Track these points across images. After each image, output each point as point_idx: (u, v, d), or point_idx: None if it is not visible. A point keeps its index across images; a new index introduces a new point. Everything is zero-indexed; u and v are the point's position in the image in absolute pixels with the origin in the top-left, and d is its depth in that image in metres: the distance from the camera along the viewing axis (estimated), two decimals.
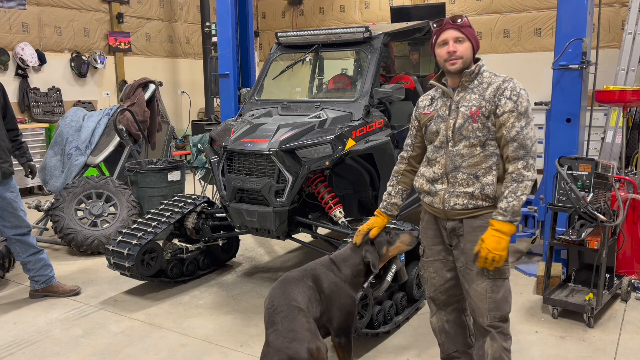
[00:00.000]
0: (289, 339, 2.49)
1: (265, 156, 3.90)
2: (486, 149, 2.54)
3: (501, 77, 2.58)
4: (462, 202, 2.56)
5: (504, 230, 2.46)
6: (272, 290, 2.79)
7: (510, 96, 2.49)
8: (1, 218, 4.18)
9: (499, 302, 2.58)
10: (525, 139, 2.47)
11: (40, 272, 4.39)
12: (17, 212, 4.21)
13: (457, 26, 2.54)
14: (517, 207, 2.46)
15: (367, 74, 4.42)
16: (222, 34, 6.33)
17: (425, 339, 3.67)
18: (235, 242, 5.28)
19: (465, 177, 2.55)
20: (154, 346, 3.69)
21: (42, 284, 4.43)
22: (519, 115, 2.48)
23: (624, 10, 8.52)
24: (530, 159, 2.48)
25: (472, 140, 2.54)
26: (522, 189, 2.46)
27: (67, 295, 4.48)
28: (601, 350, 3.53)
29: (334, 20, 11.81)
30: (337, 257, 2.99)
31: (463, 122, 2.54)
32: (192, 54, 11.85)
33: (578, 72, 4.52)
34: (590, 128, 5.46)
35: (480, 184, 2.54)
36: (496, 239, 2.46)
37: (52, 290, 4.46)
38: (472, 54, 2.57)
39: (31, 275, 4.41)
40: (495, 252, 2.46)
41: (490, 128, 2.52)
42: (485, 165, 2.54)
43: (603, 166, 4.04)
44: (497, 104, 2.50)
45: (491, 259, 2.46)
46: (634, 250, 4.46)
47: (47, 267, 4.44)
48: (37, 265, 4.37)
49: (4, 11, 8.58)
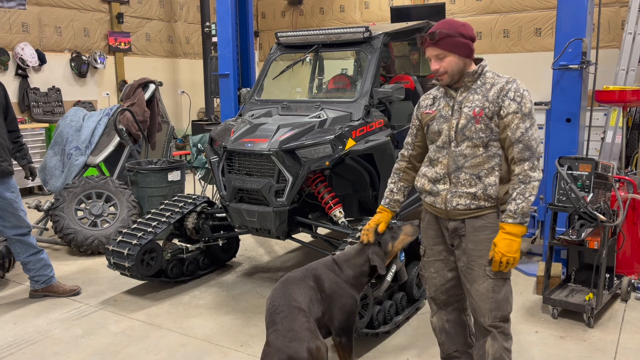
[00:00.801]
0: (288, 339, 2.50)
1: (265, 156, 3.90)
2: (489, 150, 2.54)
3: (504, 78, 2.58)
4: (465, 202, 2.56)
5: (515, 232, 2.48)
6: (274, 290, 2.79)
7: (514, 97, 2.49)
8: (1, 218, 4.18)
9: (500, 302, 2.58)
10: (530, 140, 2.48)
11: (41, 272, 4.39)
12: (18, 212, 4.21)
13: (433, 43, 2.54)
14: (526, 209, 2.47)
15: (367, 74, 4.42)
16: (222, 34, 6.33)
17: (425, 339, 3.67)
18: (235, 242, 5.28)
19: (468, 178, 2.55)
20: (154, 346, 3.69)
21: (42, 284, 4.43)
22: (523, 116, 2.48)
23: (624, 10, 8.52)
24: (535, 159, 2.49)
25: (475, 140, 2.54)
26: (530, 190, 2.47)
27: (67, 295, 4.48)
28: (601, 350, 3.54)
29: (334, 20, 11.81)
30: (339, 258, 2.99)
31: (466, 122, 2.54)
32: (192, 54, 11.85)
33: (578, 72, 4.52)
34: (590, 128, 5.46)
35: (482, 184, 2.54)
36: (508, 242, 2.48)
37: (52, 290, 4.46)
38: (462, 61, 2.54)
39: (31, 275, 4.41)
40: (508, 255, 2.48)
41: (493, 129, 2.53)
42: (487, 165, 2.54)
43: (603, 166, 4.04)
44: (501, 105, 2.50)
45: (505, 262, 2.49)
46: (634, 250, 4.46)
47: (47, 267, 4.44)
48: (37, 265, 4.37)
49: (4, 11, 8.58)
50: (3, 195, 4.13)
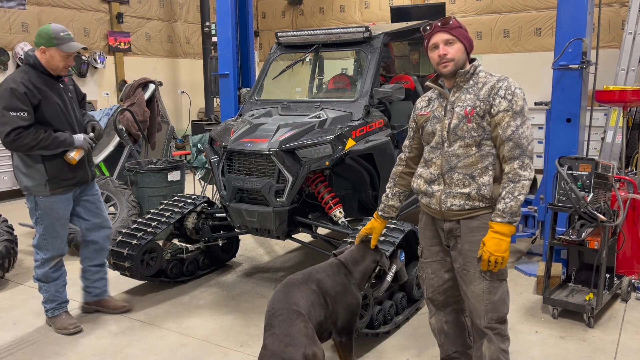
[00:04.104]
0: (285, 344, 2.47)
1: (265, 156, 3.90)
2: (482, 149, 2.52)
3: (496, 76, 2.56)
4: (459, 202, 2.55)
5: (504, 231, 2.45)
6: (275, 293, 2.78)
7: (505, 95, 2.47)
8: (86, 220, 3.98)
9: (496, 304, 2.57)
10: (520, 138, 2.45)
11: (96, 284, 4.15)
12: (103, 213, 4.06)
13: (447, 28, 2.53)
14: (515, 208, 2.44)
15: (367, 74, 4.41)
16: (222, 34, 6.33)
17: (425, 339, 3.67)
18: (235, 242, 5.28)
19: (461, 178, 2.54)
20: (154, 346, 3.69)
21: (94, 296, 4.16)
22: (514, 114, 2.46)
23: (624, 10, 8.52)
24: (526, 158, 2.45)
25: (467, 140, 2.52)
26: (519, 189, 2.44)
27: (119, 311, 4.17)
28: (601, 350, 3.53)
29: (334, 20, 11.81)
30: (347, 261, 3.02)
31: (458, 122, 2.53)
32: (192, 54, 11.85)
33: (578, 72, 4.52)
34: (590, 128, 5.46)
35: (476, 184, 2.52)
36: (496, 241, 2.45)
37: (103, 305, 4.19)
38: (466, 54, 2.57)
39: (85, 285, 4.15)
40: (497, 254, 2.45)
41: (486, 128, 2.51)
42: (481, 165, 2.52)
43: (603, 166, 4.04)
44: (492, 104, 2.48)
45: (494, 262, 2.46)
46: (634, 250, 4.46)
47: (104, 280, 4.20)
48: (95, 277, 4.14)
49: (4, 11, 8.58)
50: (86, 198, 3.95)
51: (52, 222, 3.75)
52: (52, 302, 3.89)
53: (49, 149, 3.55)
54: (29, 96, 3.47)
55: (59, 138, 3.57)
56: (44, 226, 3.75)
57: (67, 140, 3.61)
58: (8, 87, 3.47)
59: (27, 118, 3.47)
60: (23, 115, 3.45)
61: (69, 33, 3.66)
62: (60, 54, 3.58)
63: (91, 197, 3.98)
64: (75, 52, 3.69)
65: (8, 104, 3.44)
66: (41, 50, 3.57)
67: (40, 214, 3.72)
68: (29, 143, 3.47)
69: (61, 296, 3.92)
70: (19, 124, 3.43)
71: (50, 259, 3.81)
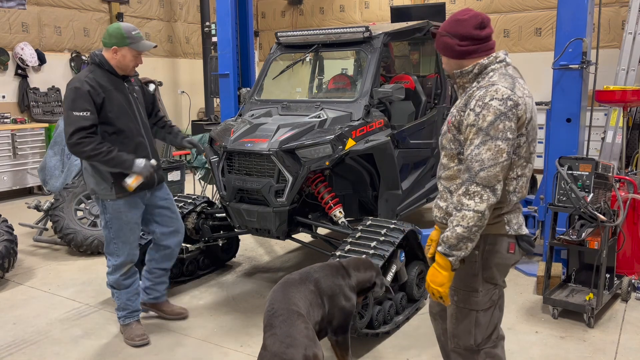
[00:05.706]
0: (285, 344, 2.47)
1: (265, 156, 3.90)
2: (461, 164, 2.24)
3: (490, 82, 2.19)
4: (439, 214, 2.39)
5: (440, 263, 2.19)
6: (273, 292, 2.78)
7: (474, 107, 2.12)
8: (160, 224, 3.87)
9: (459, 332, 2.38)
10: (472, 160, 2.09)
11: (157, 287, 4.05)
12: (178, 219, 3.96)
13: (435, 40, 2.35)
14: (453, 240, 2.12)
15: (367, 74, 4.41)
16: (222, 34, 6.33)
17: (425, 339, 3.66)
18: (235, 242, 5.28)
19: (442, 190, 2.37)
20: (154, 346, 3.69)
21: (152, 298, 4.06)
22: (478, 130, 2.10)
23: (624, 10, 8.52)
24: (473, 185, 2.09)
25: (448, 151, 2.30)
26: (459, 220, 2.11)
27: (174, 317, 4.08)
28: (601, 350, 3.53)
29: (334, 20, 11.81)
30: (349, 264, 3.06)
31: (445, 130, 2.33)
32: (192, 54, 11.85)
33: (578, 72, 4.52)
34: (590, 128, 5.46)
35: (452, 200, 2.27)
36: (433, 271, 2.22)
37: (159, 309, 4.10)
38: (456, 60, 2.29)
39: (146, 285, 4.04)
40: (432, 286, 2.21)
41: (461, 141, 2.21)
42: (459, 181, 2.25)
43: (603, 166, 4.04)
44: (462, 115, 2.19)
45: (431, 293, 2.24)
46: (634, 250, 4.46)
47: (164, 284, 4.10)
48: (158, 280, 4.04)
49: (4, 11, 8.58)
50: (157, 203, 3.83)
51: (121, 226, 3.61)
52: (123, 310, 3.77)
53: (106, 165, 3.44)
54: (92, 94, 3.38)
55: (118, 158, 3.42)
56: (113, 230, 3.62)
57: (127, 163, 3.44)
58: (73, 87, 3.40)
59: (90, 118, 3.36)
60: (86, 114, 3.35)
61: (139, 32, 3.60)
62: (132, 53, 3.54)
63: (164, 201, 3.85)
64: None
65: (72, 104, 3.36)
66: (113, 50, 3.50)
67: (109, 217, 3.59)
68: (87, 152, 3.35)
69: (133, 305, 3.78)
70: (82, 124, 3.33)
71: (121, 265, 3.68)
